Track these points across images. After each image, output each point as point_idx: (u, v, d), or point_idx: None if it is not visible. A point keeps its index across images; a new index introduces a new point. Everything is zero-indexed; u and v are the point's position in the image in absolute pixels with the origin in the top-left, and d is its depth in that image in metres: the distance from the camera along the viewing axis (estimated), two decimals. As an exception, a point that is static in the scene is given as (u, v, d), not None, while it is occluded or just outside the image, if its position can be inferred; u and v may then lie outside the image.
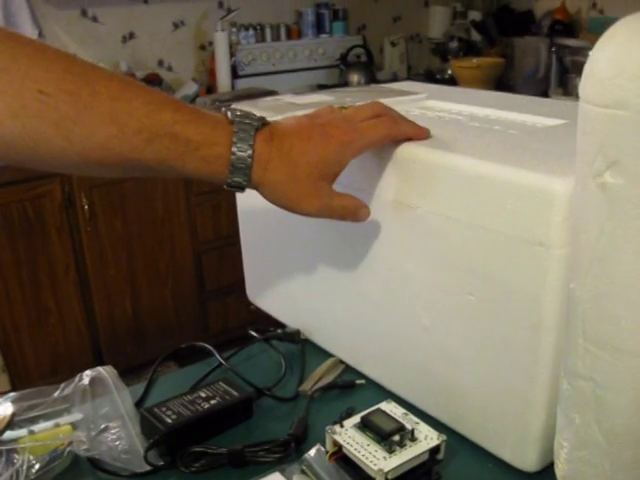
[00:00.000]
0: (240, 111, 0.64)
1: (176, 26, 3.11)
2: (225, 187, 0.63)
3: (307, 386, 0.82)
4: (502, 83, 3.20)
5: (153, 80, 2.92)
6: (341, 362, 0.86)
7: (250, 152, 0.62)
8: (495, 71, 3.21)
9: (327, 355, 0.87)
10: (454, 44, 3.53)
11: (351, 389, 0.82)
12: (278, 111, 0.86)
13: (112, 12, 2.96)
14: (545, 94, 3.00)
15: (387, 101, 0.88)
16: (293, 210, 0.66)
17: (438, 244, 0.67)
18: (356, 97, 0.94)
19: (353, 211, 0.69)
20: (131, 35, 3.02)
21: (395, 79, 3.54)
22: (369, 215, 0.70)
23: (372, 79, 3.30)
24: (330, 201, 0.67)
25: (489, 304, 0.63)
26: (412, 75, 3.71)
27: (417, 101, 0.93)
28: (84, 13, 2.90)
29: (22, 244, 2.34)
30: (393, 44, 3.67)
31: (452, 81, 3.28)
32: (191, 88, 2.92)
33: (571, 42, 3.07)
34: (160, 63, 3.10)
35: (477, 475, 0.68)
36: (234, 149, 0.61)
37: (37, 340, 2.45)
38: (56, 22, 2.84)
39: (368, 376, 0.82)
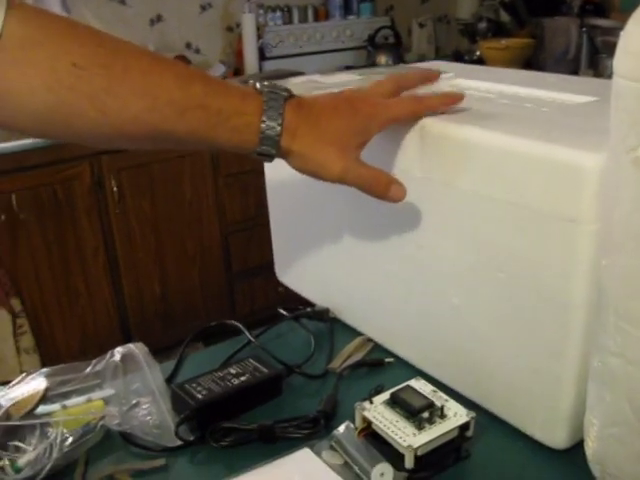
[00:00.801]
0: (268, 82, 0.64)
1: (203, 8, 3.11)
2: (254, 156, 0.64)
3: (336, 364, 0.82)
4: (531, 64, 3.16)
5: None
6: (370, 340, 0.86)
7: (280, 120, 0.63)
8: (524, 52, 3.17)
9: (356, 333, 0.88)
10: (483, 25, 3.49)
11: (380, 367, 0.82)
12: (306, 90, 0.85)
13: (140, -5, 2.97)
14: (576, 74, 2.96)
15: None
16: (320, 175, 0.66)
17: (468, 221, 0.67)
18: (385, 76, 0.93)
19: (384, 185, 0.68)
20: (159, 18, 3.03)
21: (423, 60, 3.50)
22: (404, 195, 0.68)
23: (400, 60, 3.28)
24: (357, 167, 0.67)
25: (519, 281, 0.63)
26: (440, 56, 3.67)
27: (446, 80, 0.92)
28: (112, -4, 2.92)
29: (52, 226, 2.37)
30: (421, 25, 3.64)
31: (480, 62, 3.25)
32: (219, 70, 2.92)
33: (602, 22, 3.02)
34: (188, 45, 3.10)
35: (506, 452, 0.68)
36: (264, 117, 0.62)
37: (67, 321, 2.49)
38: (84, 5, 2.85)
39: (397, 354, 0.82)
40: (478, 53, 3.33)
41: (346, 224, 0.84)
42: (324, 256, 0.90)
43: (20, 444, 0.68)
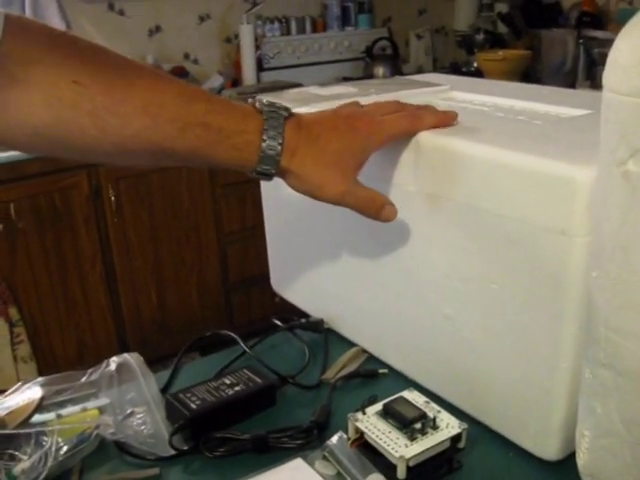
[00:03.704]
0: (267, 101, 0.65)
1: (202, 19, 3.13)
2: (253, 175, 0.65)
3: (330, 374, 0.83)
4: (529, 76, 3.18)
5: (179, 73, 2.94)
6: (364, 351, 0.87)
7: (280, 140, 0.63)
8: (522, 63, 3.19)
9: (350, 344, 0.88)
10: (480, 36, 3.51)
11: (374, 378, 0.82)
12: (303, 102, 0.86)
13: (139, 5, 2.99)
14: (572, 87, 2.97)
15: (411, 92, 0.89)
16: (317, 196, 0.67)
17: (460, 233, 0.67)
18: (380, 89, 0.94)
19: (378, 205, 0.68)
20: (157, 28, 3.04)
21: (421, 72, 3.53)
22: (395, 216, 0.69)
23: (397, 72, 3.30)
24: (355, 189, 0.67)
25: (511, 293, 0.64)
26: (438, 68, 3.69)
27: (441, 92, 0.93)
28: (111, 7, 2.93)
29: (50, 235, 2.37)
30: (419, 37, 3.66)
31: (478, 74, 3.26)
32: (217, 81, 2.93)
33: (599, 34, 3.04)
34: (186, 56, 3.11)
35: (498, 464, 0.68)
36: (265, 137, 0.63)
37: (64, 330, 2.49)
38: (83, 16, 2.87)
39: (391, 365, 0.83)
40: (475, 64, 3.35)
41: (341, 236, 0.85)
42: (319, 267, 0.91)
43: (15, 452, 0.68)
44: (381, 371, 0.83)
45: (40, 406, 0.73)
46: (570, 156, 0.58)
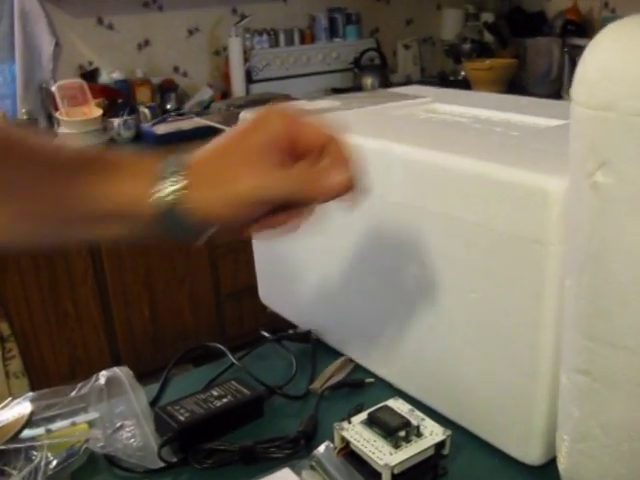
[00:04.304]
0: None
1: (191, 32, 3.14)
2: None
3: (317, 385, 0.84)
4: (515, 84, 3.21)
5: (169, 86, 2.96)
6: (351, 361, 0.88)
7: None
8: (508, 72, 3.21)
9: (337, 354, 0.89)
10: (467, 46, 3.53)
11: (360, 387, 0.83)
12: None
13: (127, 20, 3.00)
14: (558, 94, 3.00)
15: (394, 105, 0.90)
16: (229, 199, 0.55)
17: (441, 243, 0.69)
18: (364, 102, 0.95)
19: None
20: (146, 42, 3.06)
21: (409, 81, 3.55)
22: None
23: (386, 82, 3.32)
24: (276, 172, 0.56)
25: (490, 301, 0.65)
26: (426, 77, 3.72)
27: (423, 104, 0.94)
28: (100, 21, 2.94)
29: (41, 250, 2.37)
30: (406, 47, 3.68)
31: (465, 82, 3.29)
32: (206, 93, 2.95)
33: (584, 42, 3.06)
34: (176, 69, 3.13)
35: (483, 469, 0.70)
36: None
37: (56, 345, 2.48)
38: (73, 30, 2.88)
39: (376, 374, 0.84)
40: (463, 73, 3.37)
41: (326, 248, 0.86)
42: (305, 279, 0.92)
43: (5, 468, 0.69)
44: (367, 380, 0.84)
45: (29, 421, 0.74)
46: (543, 167, 0.60)
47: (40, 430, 0.74)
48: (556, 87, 3.10)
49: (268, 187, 0.55)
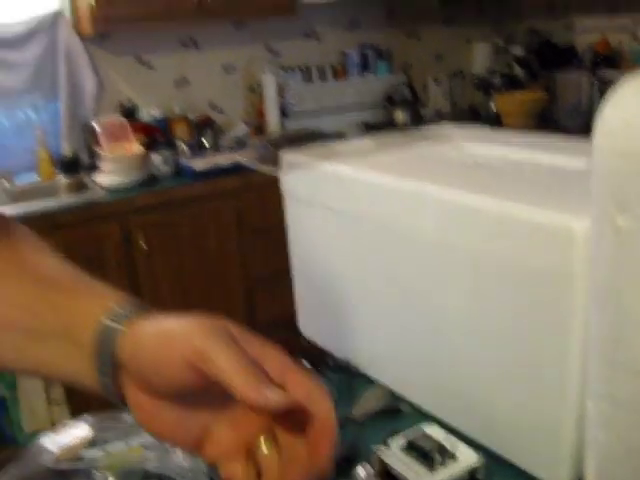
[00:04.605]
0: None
1: (226, 70, 3.24)
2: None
3: (356, 412, 0.88)
4: (545, 117, 3.24)
5: (205, 123, 3.04)
6: (387, 390, 0.92)
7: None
8: (538, 105, 3.25)
9: (375, 383, 0.94)
10: (497, 79, 3.59)
11: (396, 414, 0.87)
12: (325, 158, 0.93)
13: (165, 58, 3.11)
14: (587, 127, 3.01)
15: (427, 146, 0.96)
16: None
17: (474, 277, 0.73)
18: (397, 143, 1.01)
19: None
20: (184, 80, 3.15)
21: (439, 115, 3.61)
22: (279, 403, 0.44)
23: (417, 116, 3.38)
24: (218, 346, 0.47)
25: (521, 332, 0.69)
26: (456, 111, 3.77)
27: (454, 145, 0.99)
28: (139, 60, 3.05)
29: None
30: (437, 81, 3.75)
31: (496, 116, 3.33)
32: (241, 130, 3.03)
33: (613, 75, 3.11)
34: (211, 106, 3.22)
35: (515, 493, 0.73)
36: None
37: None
38: (113, 69, 2.99)
39: (412, 402, 0.88)
40: (493, 106, 3.42)
41: (365, 280, 0.91)
42: (344, 311, 0.97)
43: (67, 487, 0.74)
44: (404, 408, 0.88)
45: (90, 443, 0.79)
46: (569, 207, 0.64)
47: (99, 451, 0.79)
48: (586, 119, 3.13)
49: (216, 347, 0.47)
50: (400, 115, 3.35)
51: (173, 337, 0.48)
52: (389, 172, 0.85)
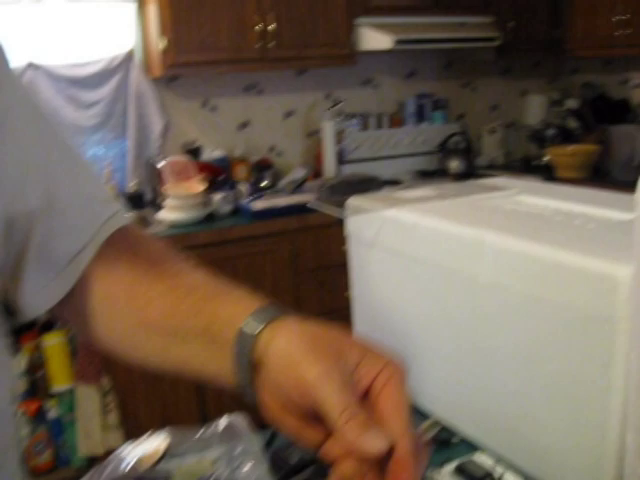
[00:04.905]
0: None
1: (287, 115, 3.37)
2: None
3: (409, 440, 0.94)
4: (598, 169, 3.28)
5: (264, 165, 3.17)
6: (438, 422, 0.98)
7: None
8: (591, 158, 3.30)
9: (426, 416, 1.00)
10: (551, 131, 3.65)
11: (447, 445, 0.93)
12: (389, 204, 1.01)
13: (229, 103, 3.25)
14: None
15: (484, 196, 1.03)
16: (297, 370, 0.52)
17: (524, 319, 0.80)
18: (456, 192, 1.08)
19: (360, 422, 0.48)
20: (246, 123, 3.29)
21: (492, 165, 3.67)
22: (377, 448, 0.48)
23: (470, 165, 3.45)
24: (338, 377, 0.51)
25: (567, 371, 0.75)
26: (509, 161, 3.83)
27: (510, 196, 1.06)
28: (204, 104, 3.20)
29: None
30: (491, 132, 3.82)
31: (548, 167, 3.38)
32: (299, 173, 3.14)
33: (667, 131, 3.14)
34: (271, 149, 3.35)
35: (557, 521, 0.78)
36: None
37: (150, 401, 2.64)
38: (180, 112, 3.14)
39: (463, 434, 0.94)
40: (546, 158, 3.47)
41: (424, 319, 0.98)
42: (402, 347, 1.04)
43: (145, 493, 0.82)
44: (453, 440, 0.94)
45: (165, 455, 0.87)
46: (614, 256, 0.71)
47: (173, 463, 0.87)
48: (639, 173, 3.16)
49: (326, 387, 0.50)
50: (454, 164, 3.42)
51: (292, 363, 0.52)
52: (448, 219, 0.92)
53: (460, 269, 0.87)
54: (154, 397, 2.65)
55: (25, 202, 0.63)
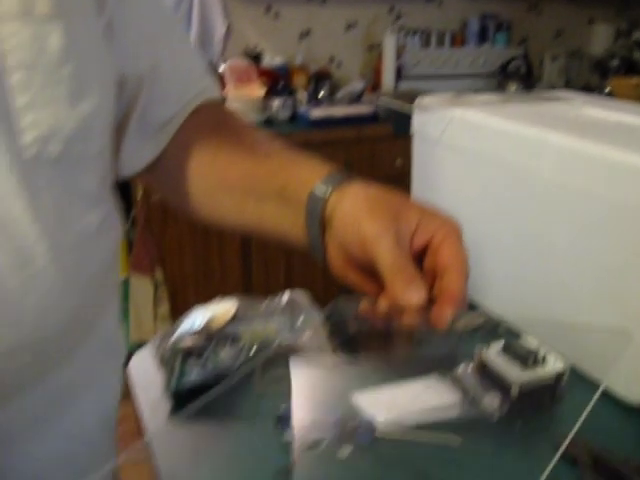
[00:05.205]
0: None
1: (349, 26, 3.36)
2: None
3: (459, 325, 1.01)
4: (660, 104, 3.23)
5: (323, 75, 3.18)
6: (485, 313, 1.04)
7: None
8: (654, 92, 3.25)
9: (476, 307, 1.06)
10: (615, 62, 3.58)
11: (495, 332, 1.00)
12: (456, 104, 1.05)
13: (292, 10, 3.25)
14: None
15: (547, 105, 1.06)
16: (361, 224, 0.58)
17: (581, 215, 0.85)
18: (518, 100, 1.12)
19: (408, 275, 0.56)
20: (307, 32, 3.29)
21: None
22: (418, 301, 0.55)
23: (529, 91, 3.41)
24: (393, 238, 0.57)
25: (618, 265, 0.81)
26: (569, 89, 3.78)
27: (573, 106, 1.09)
28: (268, 9, 3.20)
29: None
30: (553, 58, 3.76)
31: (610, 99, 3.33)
32: (358, 85, 3.15)
33: None
34: (331, 59, 3.36)
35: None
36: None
37: (200, 295, 2.75)
38: (242, 17, 3.15)
39: (510, 324, 1.00)
40: (608, 89, 3.42)
41: (484, 215, 1.03)
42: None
43: (217, 348, 0.90)
44: (500, 330, 1.00)
45: (235, 316, 0.95)
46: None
47: (240, 327, 0.95)
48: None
49: (381, 243, 0.56)
50: (513, 87, 3.39)
51: (354, 222, 0.58)
52: (514, 119, 0.96)
53: (523, 167, 0.92)
54: (204, 291, 2.77)
55: (137, 66, 0.69)
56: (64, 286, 0.56)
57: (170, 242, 2.65)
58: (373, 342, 0.92)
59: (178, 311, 2.74)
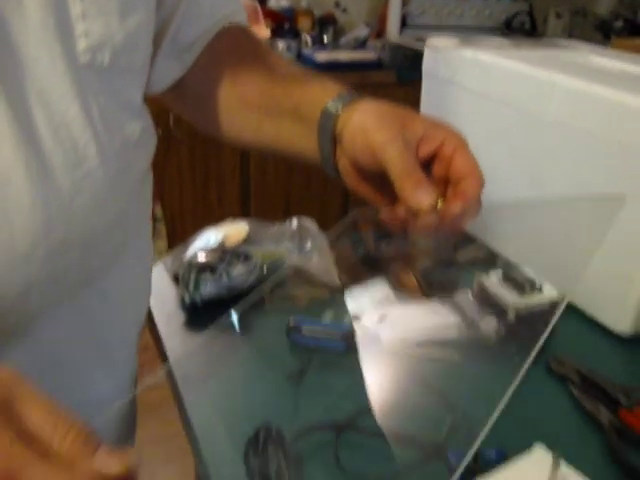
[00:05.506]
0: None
1: (356, -29, 3.35)
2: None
3: (460, 257, 1.06)
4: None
5: (328, 20, 3.18)
6: (485, 245, 1.09)
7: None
8: (656, 54, 3.26)
9: (476, 240, 1.11)
10: (619, 23, 3.58)
11: (494, 263, 1.05)
12: (466, 46, 1.09)
13: (300, -49, 3.23)
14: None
15: (555, 51, 1.10)
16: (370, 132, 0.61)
17: (583, 153, 0.89)
18: (528, 45, 1.15)
19: (416, 178, 0.59)
20: (313, -26, 3.28)
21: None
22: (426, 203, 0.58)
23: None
24: (402, 144, 0.60)
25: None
26: (571, 48, 3.78)
27: (581, 53, 1.13)
28: (276, -50, 3.18)
29: (199, 148, 2.66)
30: (558, 15, 3.76)
31: (610, 58, 3.34)
32: (362, 31, 3.15)
33: None
34: (337, 4, 3.34)
35: (580, 336, 0.91)
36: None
37: (198, 232, 2.80)
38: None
39: (506, 255, 1.05)
40: (610, 50, 3.43)
41: (490, 151, 1.07)
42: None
43: (229, 266, 0.95)
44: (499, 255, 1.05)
45: (246, 238, 1.00)
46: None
47: (252, 247, 1.00)
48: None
49: (390, 149, 0.59)
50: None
51: (363, 132, 0.62)
52: (523, 61, 1.00)
53: (530, 107, 0.96)
54: (202, 229, 2.81)
55: None
56: (110, 189, 0.60)
57: (170, 178, 2.68)
58: (379, 266, 0.97)
59: (177, 231, 2.78)
